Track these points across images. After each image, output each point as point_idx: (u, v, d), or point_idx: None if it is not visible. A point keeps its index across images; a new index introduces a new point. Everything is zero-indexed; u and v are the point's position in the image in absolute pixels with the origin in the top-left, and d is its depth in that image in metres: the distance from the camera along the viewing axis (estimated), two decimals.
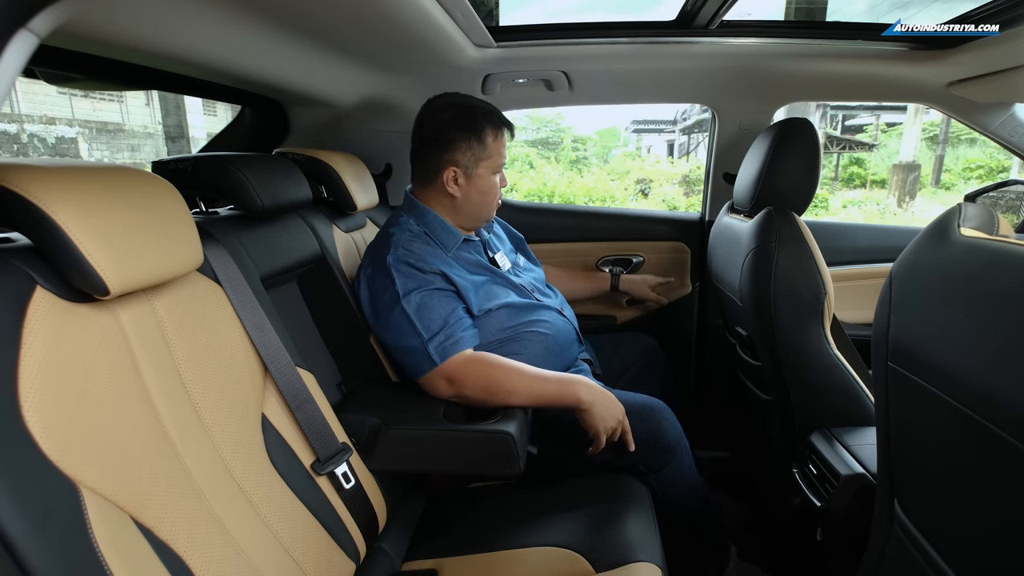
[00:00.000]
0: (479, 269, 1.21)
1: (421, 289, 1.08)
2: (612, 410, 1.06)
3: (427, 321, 1.06)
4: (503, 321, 1.18)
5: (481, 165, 1.17)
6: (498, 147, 1.18)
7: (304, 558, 0.76)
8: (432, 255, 1.13)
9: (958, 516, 0.57)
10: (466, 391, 1.06)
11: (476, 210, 1.21)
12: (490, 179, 1.19)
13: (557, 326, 1.24)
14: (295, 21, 0.94)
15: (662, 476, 1.13)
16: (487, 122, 1.16)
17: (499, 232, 1.41)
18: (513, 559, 0.92)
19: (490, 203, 1.22)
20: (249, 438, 0.76)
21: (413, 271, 1.09)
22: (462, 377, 1.06)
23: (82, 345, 0.56)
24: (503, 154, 1.20)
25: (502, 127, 1.19)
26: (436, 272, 1.11)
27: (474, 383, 1.06)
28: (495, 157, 1.18)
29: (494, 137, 1.17)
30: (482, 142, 1.15)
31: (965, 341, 0.54)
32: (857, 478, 0.91)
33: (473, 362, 1.07)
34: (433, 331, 1.06)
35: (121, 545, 0.53)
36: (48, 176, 0.55)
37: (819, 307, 1.06)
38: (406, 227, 1.17)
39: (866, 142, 13.94)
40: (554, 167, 12.52)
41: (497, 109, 1.21)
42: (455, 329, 1.07)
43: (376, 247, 1.16)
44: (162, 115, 11.20)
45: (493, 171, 1.19)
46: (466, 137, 1.15)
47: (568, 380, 1.07)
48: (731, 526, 1.47)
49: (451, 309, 1.09)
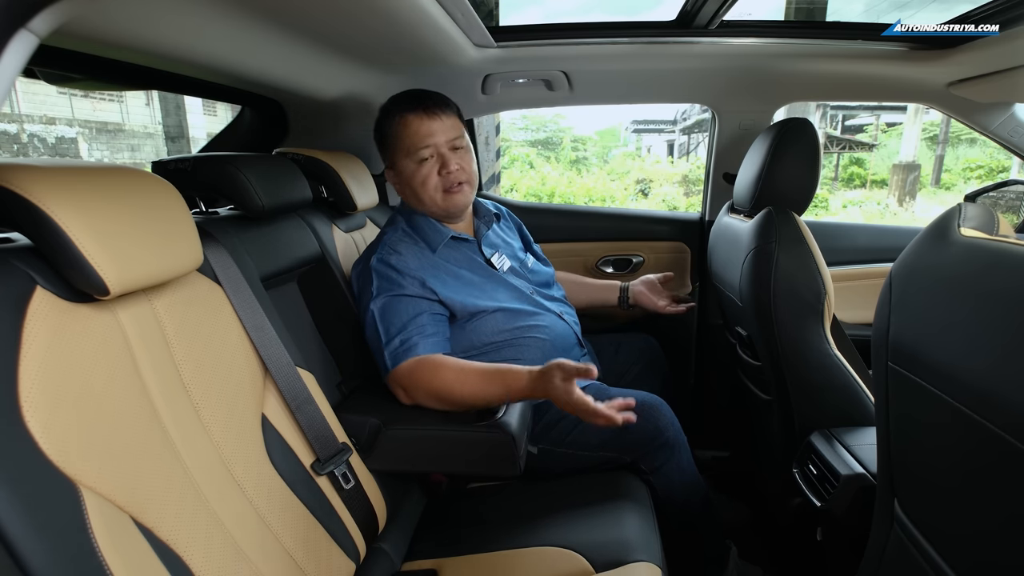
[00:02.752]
0: (472, 268, 1.20)
1: (391, 292, 1.08)
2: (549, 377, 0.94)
3: (387, 324, 1.06)
4: (499, 324, 1.16)
5: (397, 155, 1.16)
6: (405, 132, 1.13)
7: (304, 558, 0.76)
8: (417, 256, 1.13)
9: (958, 516, 0.57)
10: (420, 399, 1.03)
11: (418, 203, 1.19)
12: (412, 166, 1.15)
13: (556, 331, 1.22)
14: (295, 21, 0.94)
15: (661, 474, 1.13)
16: (392, 111, 1.15)
17: (506, 228, 1.39)
18: (513, 559, 0.92)
19: (427, 193, 1.15)
20: (249, 438, 0.76)
21: (391, 272, 1.10)
22: (414, 382, 1.03)
23: (82, 345, 0.56)
24: (418, 138, 1.13)
25: (405, 112, 1.13)
26: (414, 277, 1.10)
27: (425, 390, 1.02)
28: (404, 141, 1.14)
29: (396, 124, 1.14)
30: (385, 133, 1.16)
31: (965, 341, 0.54)
32: (857, 478, 0.91)
33: (420, 368, 1.02)
34: (391, 335, 1.05)
35: (121, 545, 0.53)
36: (48, 176, 0.55)
37: (819, 307, 1.06)
38: (398, 227, 1.18)
39: (866, 142, 13.95)
40: (554, 167, 12.52)
41: (418, 92, 1.16)
42: (411, 334, 1.05)
43: (369, 248, 1.18)
44: (162, 115, 11.19)
45: (413, 158, 1.14)
46: (378, 136, 1.19)
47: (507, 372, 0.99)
48: (731, 526, 1.47)
49: (413, 314, 1.07)
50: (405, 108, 1.14)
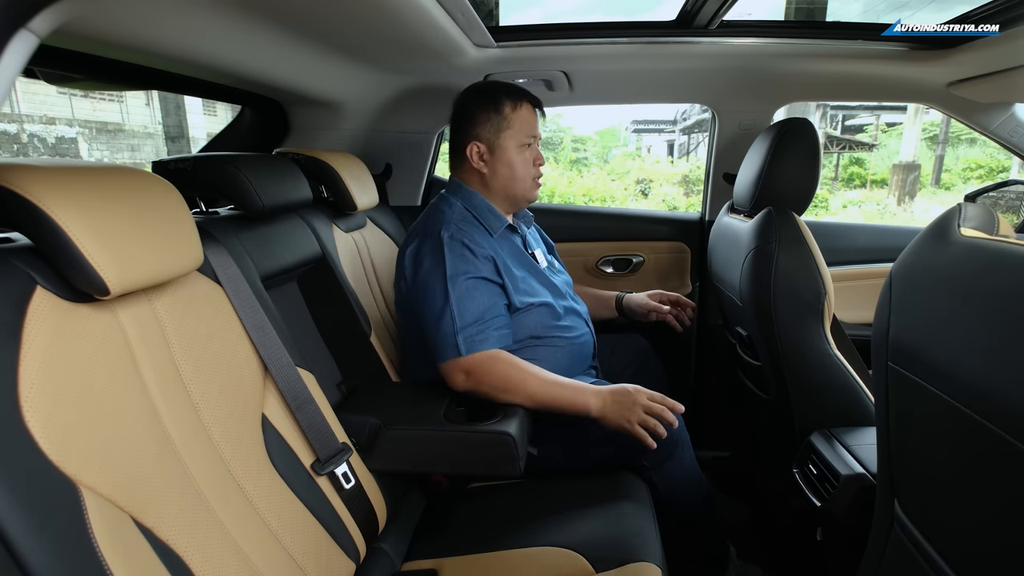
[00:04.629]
0: (521, 260, 1.21)
1: (470, 275, 1.08)
2: (629, 404, 1.03)
3: (464, 310, 1.06)
4: (541, 319, 1.17)
5: (503, 136, 1.17)
6: (520, 118, 1.17)
7: (304, 558, 0.76)
8: (483, 238, 1.13)
9: (958, 516, 0.57)
10: (483, 387, 1.07)
11: (507, 186, 1.19)
12: (516, 152, 1.18)
13: (585, 336, 1.25)
14: (295, 21, 0.94)
15: (663, 471, 1.13)
16: (504, 94, 1.17)
17: (535, 233, 1.41)
18: (513, 559, 0.92)
19: (521, 179, 1.20)
20: (249, 438, 0.76)
21: (466, 252, 1.09)
22: (482, 373, 1.06)
23: (82, 345, 0.56)
24: (529, 127, 1.18)
25: (523, 99, 1.18)
26: (487, 257, 1.11)
27: (493, 380, 1.06)
28: (517, 128, 1.17)
29: (513, 108, 1.16)
30: (500, 112, 1.16)
31: (965, 340, 0.54)
32: (857, 478, 0.91)
33: (495, 359, 1.07)
34: (467, 321, 1.06)
35: (121, 545, 0.53)
36: (48, 176, 0.55)
37: (819, 307, 1.06)
38: (456, 207, 1.17)
39: (866, 142, 13.94)
40: (554, 167, 12.51)
41: (509, 84, 1.21)
42: (488, 326, 1.08)
43: (426, 222, 1.16)
44: (162, 115, 11.19)
45: (519, 144, 1.18)
46: (484, 110, 1.16)
47: (580, 389, 1.06)
48: (731, 526, 1.47)
49: (490, 304, 1.09)
50: (522, 97, 1.18)
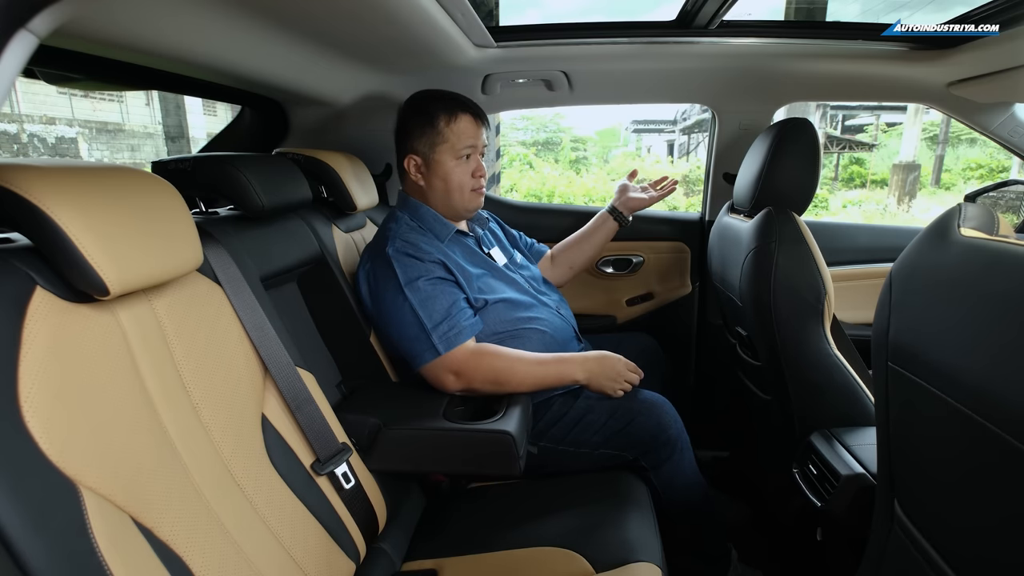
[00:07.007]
0: (474, 261, 1.22)
1: (423, 278, 1.09)
2: (611, 371, 1.13)
3: (430, 310, 1.07)
4: (501, 315, 1.18)
5: (437, 150, 1.17)
6: (455, 132, 1.16)
7: (304, 558, 0.76)
8: (429, 244, 1.14)
9: (957, 513, 0.57)
10: (475, 384, 1.08)
11: (444, 199, 1.20)
12: (451, 164, 1.17)
13: (555, 324, 1.25)
14: (295, 21, 0.94)
15: (663, 472, 1.13)
16: (439, 107, 1.16)
17: (495, 229, 1.42)
18: (513, 559, 0.92)
19: (457, 191, 1.19)
20: (249, 438, 0.76)
21: (413, 260, 1.10)
22: (470, 371, 1.08)
23: (82, 345, 0.56)
24: (468, 139, 1.17)
25: (457, 111, 1.16)
26: (435, 261, 1.12)
27: (483, 376, 1.08)
28: (452, 141, 1.16)
29: (447, 122, 1.16)
30: (434, 126, 1.16)
31: (965, 341, 0.54)
32: (857, 478, 0.91)
33: (478, 355, 1.09)
34: (436, 320, 1.07)
35: (121, 545, 0.53)
36: (48, 176, 0.55)
37: (819, 307, 1.06)
38: (402, 221, 1.18)
39: (866, 142, 13.94)
40: (554, 167, 12.50)
41: (460, 96, 1.19)
42: (458, 319, 1.08)
43: (374, 243, 1.17)
44: (162, 115, 11.19)
45: (455, 156, 1.17)
46: (419, 123, 1.17)
47: (566, 361, 1.13)
48: (731, 526, 1.47)
49: (453, 299, 1.10)
50: (458, 107, 1.17)
